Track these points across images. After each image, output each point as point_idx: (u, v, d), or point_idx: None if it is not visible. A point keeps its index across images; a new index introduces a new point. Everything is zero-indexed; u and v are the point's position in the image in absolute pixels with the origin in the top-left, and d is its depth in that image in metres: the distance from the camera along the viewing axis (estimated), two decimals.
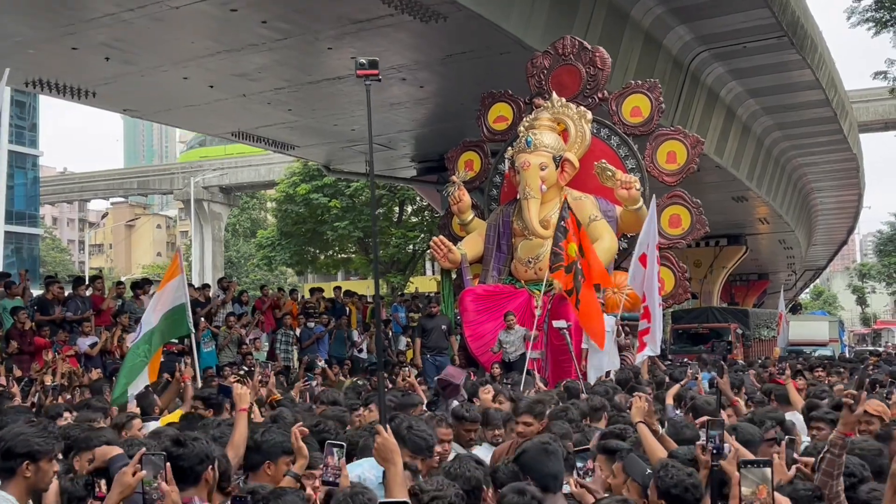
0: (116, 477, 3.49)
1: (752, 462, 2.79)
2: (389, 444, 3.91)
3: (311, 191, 39.16)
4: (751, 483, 2.73)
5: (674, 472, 4.00)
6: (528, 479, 4.37)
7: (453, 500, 3.63)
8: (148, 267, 72.43)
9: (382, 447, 3.92)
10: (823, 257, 59.46)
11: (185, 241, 74.48)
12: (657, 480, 4.00)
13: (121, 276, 51.55)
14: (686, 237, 15.14)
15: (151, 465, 3.45)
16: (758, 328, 31.44)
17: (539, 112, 15.29)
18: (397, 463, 3.89)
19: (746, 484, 2.73)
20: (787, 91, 25.30)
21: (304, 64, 17.93)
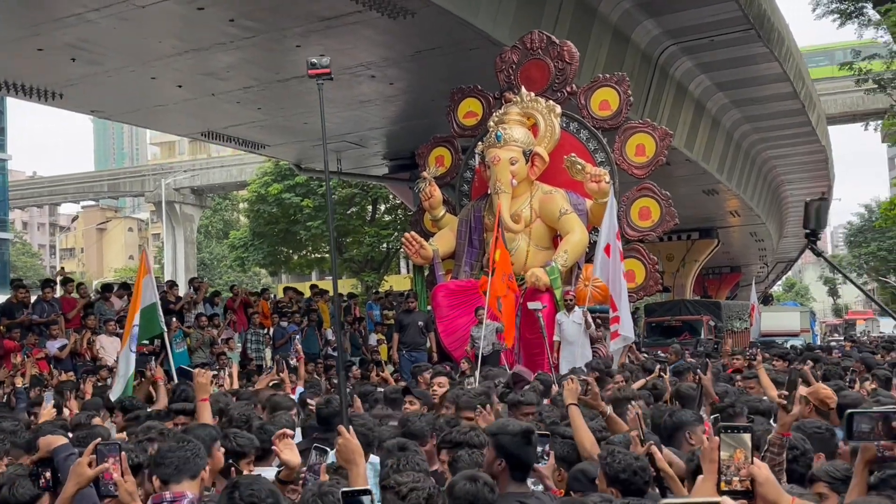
0: (72, 468, 3.49)
1: (731, 427, 2.82)
2: (351, 444, 3.87)
3: (284, 190, 39.07)
4: (729, 447, 2.76)
5: (620, 456, 4.03)
6: (500, 461, 4.40)
7: (431, 492, 3.65)
8: (120, 270, 71.95)
9: (344, 448, 3.88)
10: (795, 249, 59.94)
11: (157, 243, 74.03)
12: (605, 467, 4.03)
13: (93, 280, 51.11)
14: (656, 229, 15.22)
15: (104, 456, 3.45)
16: (730, 320, 31.68)
17: (508, 107, 15.33)
18: (360, 464, 3.85)
19: (725, 448, 2.76)
20: (755, 84, 25.50)
21: (272, 62, 17.88)
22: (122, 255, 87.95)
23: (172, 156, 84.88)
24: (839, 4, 24.62)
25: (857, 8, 24.56)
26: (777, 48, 23.31)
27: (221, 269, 64.55)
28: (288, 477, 4.50)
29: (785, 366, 12.52)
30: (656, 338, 27.92)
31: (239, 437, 5.02)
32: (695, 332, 28.01)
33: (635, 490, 4.06)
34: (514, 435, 4.45)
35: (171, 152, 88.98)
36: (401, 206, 38.31)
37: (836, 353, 18.19)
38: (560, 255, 14.04)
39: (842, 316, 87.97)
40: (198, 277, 21.75)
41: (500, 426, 4.59)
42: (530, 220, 14.77)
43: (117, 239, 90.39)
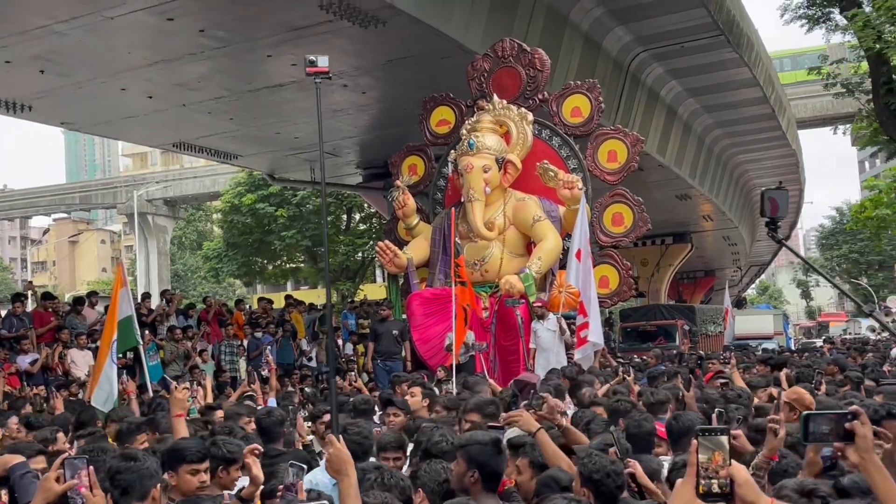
0: (40, 483, 3.47)
1: (708, 430, 2.81)
2: (342, 454, 3.79)
3: (257, 201, 38.93)
4: (707, 450, 2.76)
5: (596, 458, 4.05)
6: (473, 472, 4.37)
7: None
8: (93, 283, 71.31)
9: (335, 458, 3.80)
10: (767, 253, 60.45)
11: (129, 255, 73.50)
12: (581, 468, 4.04)
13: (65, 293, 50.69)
14: (629, 234, 15.28)
15: (72, 470, 3.42)
16: (704, 324, 31.88)
17: (481, 115, 15.34)
18: (350, 474, 3.77)
19: (703, 451, 2.76)
20: (725, 89, 25.72)
21: (243, 72, 17.82)
22: (94, 268, 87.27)
23: (145, 167, 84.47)
24: (807, 10, 24.85)
25: (825, 13, 24.80)
26: (747, 53, 23.52)
27: (195, 280, 64.24)
28: (249, 496, 4.46)
29: (767, 371, 12.50)
30: (631, 342, 28.05)
31: (228, 443, 4.98)
32: (670, 337, 28.14)
33: (607, 493, 4.07)
34: (485, 445, 4.43)
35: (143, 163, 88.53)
36: (375, 215, 38.27)
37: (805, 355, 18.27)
38: (534, 262, 14.07)
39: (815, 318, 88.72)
40: (170, 289, 21.62)
41: (470, 437, 4.57)
42: (504, 228, 14.79)
43: (89, 251, 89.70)
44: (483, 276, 14.75)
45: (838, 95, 29.03)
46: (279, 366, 17.19)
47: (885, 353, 20.32)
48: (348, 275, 41.30)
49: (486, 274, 14.74)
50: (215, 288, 57.53)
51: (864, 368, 12.53)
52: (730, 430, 2.84)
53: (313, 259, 41.76)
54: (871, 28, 21.02)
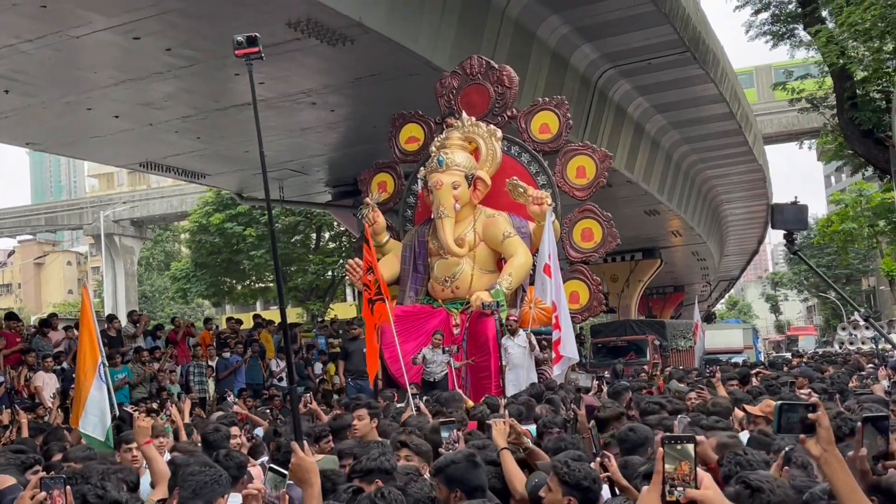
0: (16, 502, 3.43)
1: (674, 438, 2.81)
2: (306, 463, 3.81)
3: (226, 220, 38.79)
4: (673, 460, 2.76)
5: (577, 465, 4.08)
6: (455, 492, 4.38)
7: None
8: (59, 305, 70.56)
9: (298, 467, 3.81)
10: (736, 267, 60.92)
11: (96, 276, 72.79)
12: (564, 476, 4.06)
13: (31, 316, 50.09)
14: (598, 250, 15.39)
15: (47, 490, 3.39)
16: (675, 339, 32.01)
17: (450, 132, 15.42)
18: (314, 484, 3.80)
19: (669, 461, 2.76)
20: (692, 105, 25.94)
21: (211, 91, 17.78)
22: (60, 290, 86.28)
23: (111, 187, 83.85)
24: (771, 27, 25.21)
25: (789, 29, 25.17)
26: (713, 70, 23.78)
27: (163, 301, 63.74)
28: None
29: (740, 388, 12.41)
30: (602, 358, 28.13)
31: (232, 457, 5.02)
32: (640, 352, 28.25)
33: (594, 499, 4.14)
34: (459, 462, 4.45)
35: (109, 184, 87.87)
36: (345, 233, 38.22)
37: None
38: (504, 278, 14.12)
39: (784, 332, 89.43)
40: (137, 311, 21.44)
41: (443, 460, 4.58)
42: (474, 244, 14.84)
43: (56, 273, 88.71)
44: (454, 292, 14.79)
45: (803, 111, 29.46)
46: (248, 386, 17.11)
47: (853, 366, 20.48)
48: (318, 294, 41.21)
49: (456, 290, 14.78)
50: (184, 308, 57.11)
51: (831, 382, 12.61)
52: (695, 438, 2.85)
53: (282, 278, 41.54)
54: (835, 44, 21.35)
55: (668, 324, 33.68)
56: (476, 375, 13.80)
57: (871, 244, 37.66)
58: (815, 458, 3.07)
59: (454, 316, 14.59)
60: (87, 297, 10.43)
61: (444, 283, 14.91)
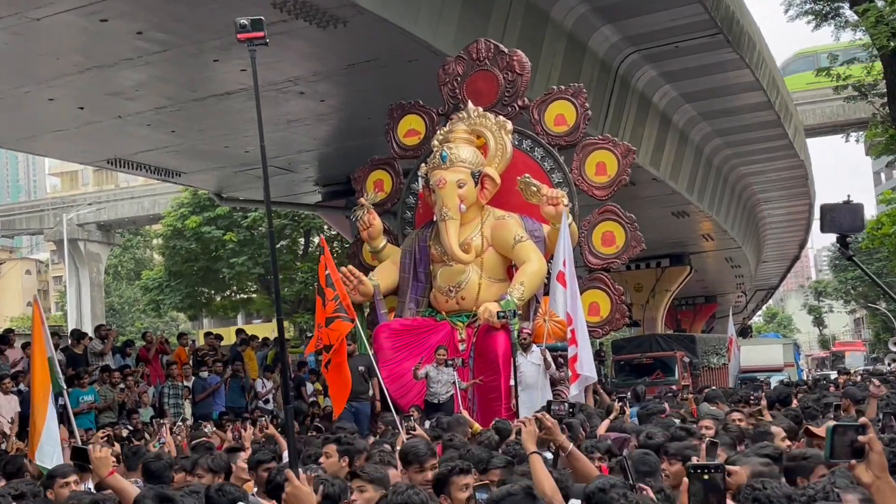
0: None
1: (701, 468, 2.85)
2: (301, 492, 3.91)
3: (203, 223, 38.87)
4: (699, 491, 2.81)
5: (634, 499, 4.12)
6: None
7: None
8: (17, 319, 70.61)
9: (293, 496, 3.91)
10: (775, 275, 60.90)
11: (59, 287, 72.90)
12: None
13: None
14: (621, 256, 15.39)
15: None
16: (706, 355, 31.98)
17: (454, 124, 15.44)
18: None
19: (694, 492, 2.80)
20: (725, 94, 25.93)
21: (187, 79, 17.82)
22: (18, 302, 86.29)
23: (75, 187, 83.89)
24: (813, 5, 25.21)
25: (833, 8, 25.16)
26: (748, 54, 23.77)
27: (134, 314, 63.83)
28: None
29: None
30: (626, 377, 28.09)
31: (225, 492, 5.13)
32: (668, 370, 28.22)
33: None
34: (517, 494, 4.51)
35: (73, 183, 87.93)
36: (336, 238, 38.20)
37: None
38: (515, 288, 14.10)
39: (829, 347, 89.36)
40: (105, 325, 21.46)
41: (502, 494, 4.63)
42: (481, 250, 14.85)
43: (13, 283, 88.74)
44: (459, 303, 14.79)
45: (849, 99, 29.45)
46: (229, 409, 17.12)
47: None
48: (307, 306, 41.14)
49: (462, 301, 14.77)
50: (156, 322, 57.19)
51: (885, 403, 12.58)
52: (724, 467, 2.87)
53: (267, 289, 41.62)
54: (885, 24, 21.33)
55: (699, 338, 33.65)
56: (485, 396, 13.80)
57: None
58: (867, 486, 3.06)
59: (459, 330, 14.61)
60: (38, 314, 10.42)
61: (447, 294, 14.92)
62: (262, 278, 40.70)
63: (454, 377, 13.70)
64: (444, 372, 13.82)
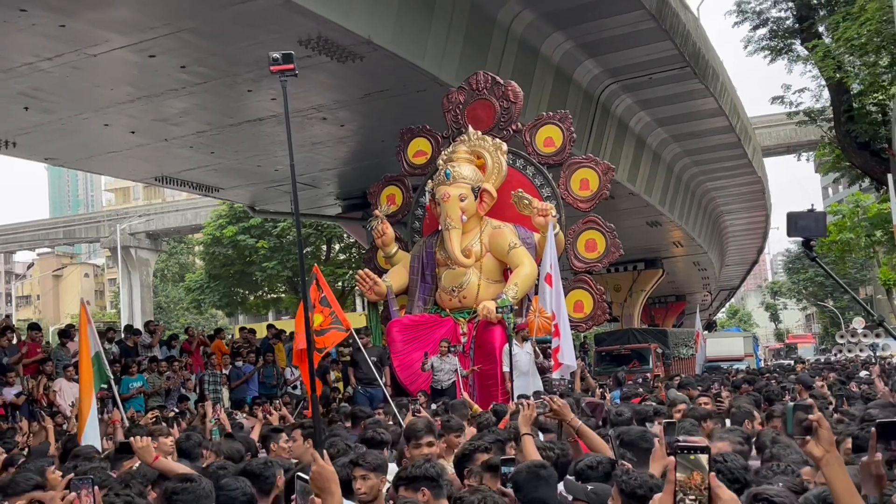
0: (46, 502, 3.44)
1: (687, 448, 2.71)
2: (326, 471, 3.69)
3: (238, 232, 38.86)
4: (685, 469, 2.66)
5: (635, 474, 4.02)
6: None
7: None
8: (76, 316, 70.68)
9: (318, 475, 3.69)
10: (736, 277, 60.82)
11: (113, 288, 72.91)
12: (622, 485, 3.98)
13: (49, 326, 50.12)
14: (602, 260, 15.38)
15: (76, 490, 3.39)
16: (677, 347, 31.96)
17: (457, 145, 15.44)
18: (335, 492, 3.68)
19: (681, 470, 2.65)
20: (692, 119, 25.94)
21: (224, 107, 17.82)
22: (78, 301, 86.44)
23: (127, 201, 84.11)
24: (769, 42, 25.22)
25: (787, 44, 25.18)
26: (712, 84, 23.78)
27: (178, 311, 63.82)
28: None
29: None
30: (606, 366, 28.07)
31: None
32: (643, 360, 28.20)
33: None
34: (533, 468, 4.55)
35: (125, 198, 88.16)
36: (355, 245, 38.26)
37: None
38: (510, 288, 14.10)
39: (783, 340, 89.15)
40: (153, 321, 21.46)
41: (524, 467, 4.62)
42: (480, 255, 14.86)
43: (73, 285, 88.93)
44: (461, 302, 14.79)
45: (801, 124, 29.45)
46: (261, 394, 17.11)
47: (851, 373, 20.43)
48: None
49: (463, 300, 14.78)
50: (197, 319, 57.13)
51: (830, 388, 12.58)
52: (709, 449, 2.76)
53: (294, 289, 41.61)
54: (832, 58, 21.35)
55: (671, 332, 33.65)
56: (483, 383, 13.80)
57: (868, 254, 37.56)
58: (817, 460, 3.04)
59: (461, 325, 14.60)
60: (84, 315, 10.28)
61: (451, 293, 14.91)
62: (290, 280, 40.68)
63: (456, 365, 13.72)
64: (446, 361, 13.82)
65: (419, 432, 6.12)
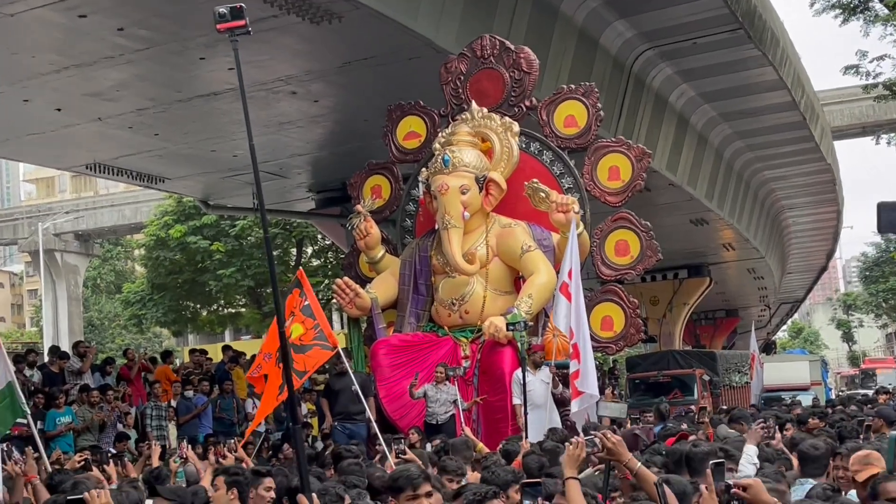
0: None
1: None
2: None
3: (188, 233, 38.87)
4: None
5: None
6: None
7: None
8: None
9: None
10: (801, 287, 60.89)
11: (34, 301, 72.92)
12: None
13: None
14: (636, 266, 15.38)
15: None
16: (728, 373, 31.96)
17: (457, 126, 15.46)
18: None
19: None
20: (747, 93, 25.95)
21: (171, 78, 17.83)
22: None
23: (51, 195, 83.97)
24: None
25: (862, 1, 25.13)
26: (771, 51, 23.78)
27: (114, 330, 63.77)
28: None
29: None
30: (641, 397, 28.01)
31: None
32: (687, 390, 28.16)
33: None
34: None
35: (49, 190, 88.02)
36: (331, 248, 38.32)
37: None
38: (523, 301, 14.08)
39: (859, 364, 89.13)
40: (84, 341, 21.49)
41: None
42: (486, 260, 14.86)
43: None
44: (462, 318, 14.80)
45: (880, 99, 29.46)
46: (218, 431, 17.10)
47: None
48: None
49: (465, 315, 14.78)
50: (138, 339, 57.13)
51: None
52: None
53: (257, 302, 41.67)
54: None
55: (720, 355, 33.63)
56: (490, 417, 13.79)
57: None
58: None
59: (463, 346, 14.64)
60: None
61: (450, 307, 14.94)
62: (252, 291, 40.70)
63: (455, 396, 13.69)
64: (442, 391, 13.81)
65: (415, 479, 6.10)
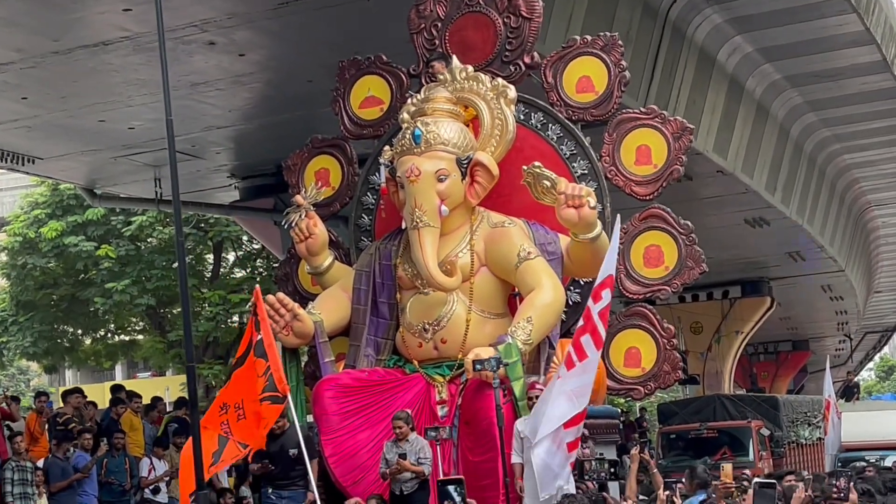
0: None
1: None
2: None
3: (66, 232, 38.63)
4: None
5: None
6: None
7: None
8: None
9: None
10: (893, 312, 61.10)
11: None
12: None
13: None
14: (671, 281, 15.36)
15: None
16: (794, 426, 32.14)
17: (432, 89, 15.39)
18: None
19: None
20: (821, 50, 26.02)
21: (46, 24, 17.79)
22: None
23: None
24: None
25: None
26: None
27: None
28: None
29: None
30: (678, 456, 28.11)
31: None
32: (739, 448, 28.31)
33: None
34: None
35: None
36: (261, 254, 38.24)
37: None
38: (520, 326, 13.98)
39: None
40: None
41: None
42: (471, 271, 14.79)
43: None
44: (438, 348, 14.69)
45: None
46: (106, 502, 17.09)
47: None
48: (217, 352, 41.06)
49: (442, 345, 14.67)
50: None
51: None
52: None
53: (159, 327, 41.46)
54: None
55: (784, 402, 33.78)
56: (476, 483, 13.74)
57: None
58: None
59: (438, 387, 14.54)
60: None
61: (422, 335, 14.84)
62: (152, 312, 40.52)
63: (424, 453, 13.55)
64: (402, 447, 13.65)
65: None
